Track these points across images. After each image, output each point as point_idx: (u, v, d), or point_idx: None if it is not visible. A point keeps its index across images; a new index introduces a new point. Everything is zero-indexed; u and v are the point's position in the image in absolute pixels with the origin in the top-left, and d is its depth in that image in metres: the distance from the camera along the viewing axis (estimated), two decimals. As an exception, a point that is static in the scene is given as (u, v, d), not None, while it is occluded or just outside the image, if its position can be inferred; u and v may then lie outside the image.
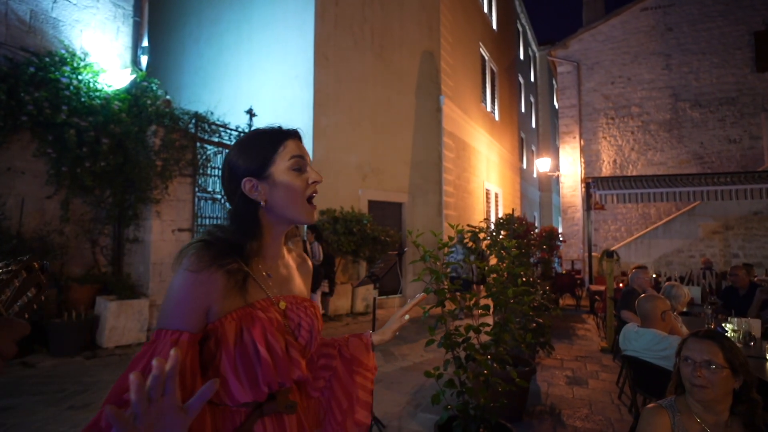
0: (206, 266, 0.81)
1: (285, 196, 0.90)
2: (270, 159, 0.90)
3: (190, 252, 0.82)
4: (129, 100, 5.67)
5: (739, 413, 1.32)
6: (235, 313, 0.83)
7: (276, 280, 0.94)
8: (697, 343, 1.39)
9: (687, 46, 12.50)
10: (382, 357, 5.17)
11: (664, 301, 2.67)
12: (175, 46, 10.61)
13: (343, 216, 7.48)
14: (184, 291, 0.80)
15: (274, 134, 0.94)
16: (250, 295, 0.86)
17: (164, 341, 0.77)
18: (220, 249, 0.84)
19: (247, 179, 0.90)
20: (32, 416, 3.16)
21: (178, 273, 0.81)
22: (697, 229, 10.99)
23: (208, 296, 0.81)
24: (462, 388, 2.34)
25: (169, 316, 0.80)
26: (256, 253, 0.90)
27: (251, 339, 0.82)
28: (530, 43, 22.90)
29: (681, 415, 1.37)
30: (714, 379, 1.31)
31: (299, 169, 0.92)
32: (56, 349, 4.57)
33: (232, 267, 0.83)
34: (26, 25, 5.14)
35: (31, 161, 5.02)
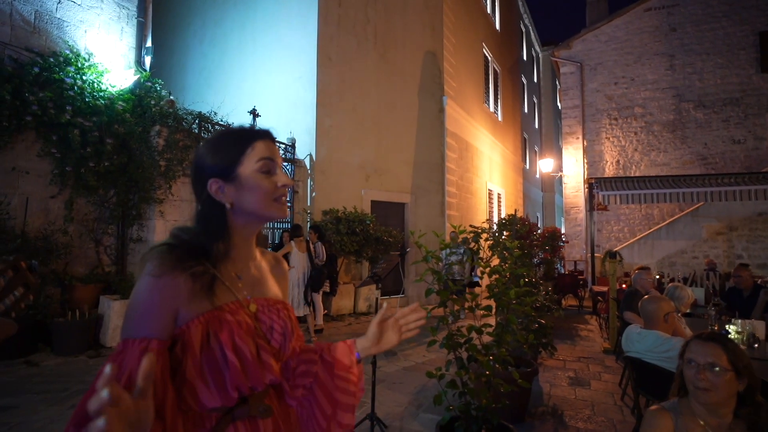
0: (169, 270, 0.79)
1: (252, 199, 0.88)
2: (237, 160, 0.88)
3: (153, 256, 0.80)
4: (133, 100, 5.69)
5: (742, 416, 1.32)
6: (202, 317, 0.81)
7: (247, 282, 0.92)
8: (701, 346, 1.38)
9: (691, 46, 12.45)
10: (384, 357, 5.17)
11: (668, 302, 2.66)
12: (178, 46, 10.65)
13: (346, 216, 7.49)
14: (149, 296, 0.78)
15: (242, 134, 0.91)
16: (218, 298, 0.84)
17: (132, 350, 0.74)
18: (185, 252, 0.82)
19: (213, 180, 0.88)
20: (35, 415, 3.17)
21: (141, 278, 0.79)
22: (700, 230, 10.94)
23: (173, 300, 0.79)
24: (464, 389, 2.33)
25: (135, 323, 0.77)
26: (224, 255, 0.88)
27: (218, 343, 0.80)
28: (533, 44, 22.86)
29: (684, 418, 1.36)
30: (717, 382, 1.30)
31: (268, 172, 0.89)
32: (60, 348, 4.59)
33: (197, 270, 0.81)
34: (31, 25, 5.17)
35: (36, 161, 5.05)
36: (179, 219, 5.71)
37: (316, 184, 7.80)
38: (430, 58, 10.07)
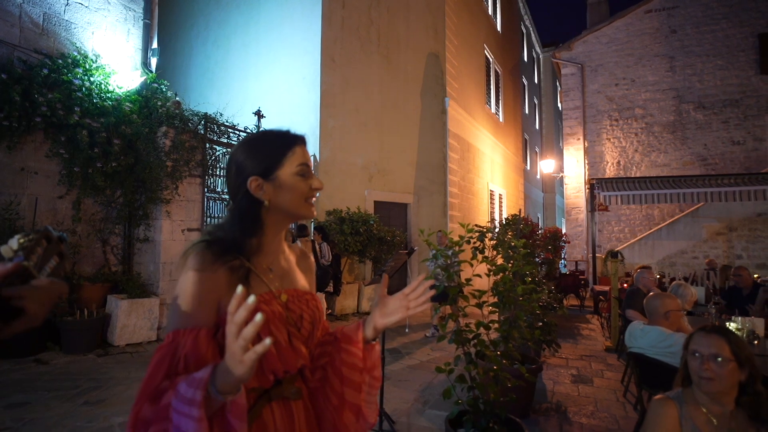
0: (210, 264, 0.86)
1: (289, 199, 0.95)
2: (279, 162, 0.94)
3: (194, 252, 0.87)
4: (140, 101, 5.75)
5: (744, 404, 1.38)
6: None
7: (277, 274, 0.98)
8: (705, 338, 1.44)
9: (691, 48, 12.53)
10: (390, 355, 5.23)
11: (674, 300, 2.72)
12: (183, 48, 10.72)
13: (350, 216, 7.55)
14: (194, 289, 0.84)
15: (284, 138, 0.97)
16: (252, 289, 0.89)
17: (184, 339, 0.81)
18: (222, 247, 0.89)
19: (253, 178, 0.93)
20: (48, 411, 3.23)
21: (185, 274, 0.86)
22: (701, 231, 11.00)
23: (215, 292, 0.86)
24: (472, 384, 2.39)
25: (182, 315, 0.83)
26: (257, 249, 0.94)
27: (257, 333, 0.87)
28: (534, 45, 22.94)
29: (688, 406, 1.42)
30: (721, 372, 1.36)
31: (304, 175, 0.96)
32: (69, 347, 4.64)
33: (234, 264, 0.88)
34: (39, 27, 5.23)
35: (44, 161, 5.11)
36: (186, 219, 5.77)
37: (319, 185, 7.84)
38: (432, 60, 10.14)
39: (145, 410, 0.75)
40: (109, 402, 3.43)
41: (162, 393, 0.76)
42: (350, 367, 0.98)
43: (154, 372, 0.78)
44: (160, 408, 0.74)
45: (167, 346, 0.81)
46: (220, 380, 0.70)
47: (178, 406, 0.72)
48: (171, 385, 0.76)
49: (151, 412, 0.75)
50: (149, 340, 5.12)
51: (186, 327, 0.83)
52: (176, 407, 0.72)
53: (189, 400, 0.71)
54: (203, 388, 0.70)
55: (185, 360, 0.80)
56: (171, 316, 0.86)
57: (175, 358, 0.80)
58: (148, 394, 0.77)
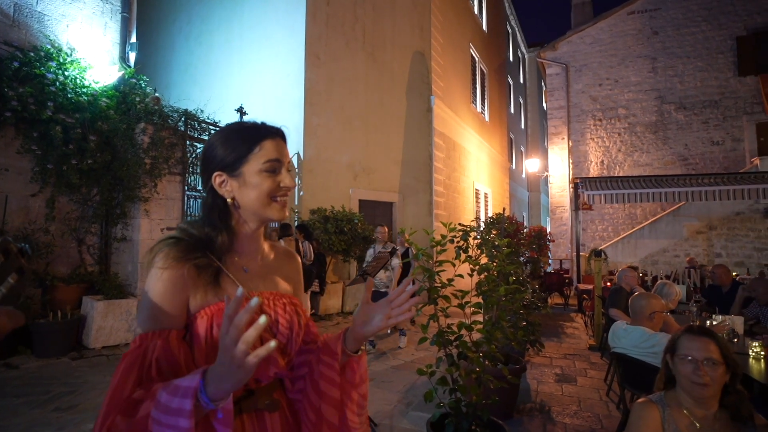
0: (174, 262, 0.80)
1: (253, 197, 0.88)
2: (244, 157, 0.88)
3: (160, 249, 0.82)
4: (117, 97, 5.59)
5: (727, 405, 1.36)
6: (208, 309, 0.82)
7: (253, 275, 0.92)
8: (696, 341, 1.41)
9: (672, 49, 12.75)
10: (374, 355, 5.17)
11: (659, 300, 2.72)
12: (164, 43, 10.47)
13: (334, 215, 7.47)
14: (159, 290, 0.79)
15: (253, 131, 0.90)
16: (223, 291, 0.84)
17: (153, 343, 0.76)
18: (189, 245, 0.84)
19: (217, 173, 0.88)
20: (16, 418, 3.09)
21: (151, 273, 0.81)
22: (681, 229, 11.21)
23: (181, 291, 0.80)
24: (454, 386, 2.35)
25: (150, 317, 0.78)
26: (228, 248, 0.88)
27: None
28: (519, 45, 23.11)
29: (670, 410, 1.40)
30: (714, 376, 1.33)
31: (273, 171, 0.89)
32: (41, 351, 4.48)
33: (200, 261, 0.83)
34: (10, 18, 5.03)
35: (15, 158, 4.92)
36: (165, 218, 5.62)
37: (303, 183, 7.75)
38: (418, 58, 10.10)
39: (117, 424, 0.68)
40: (81, 407, 3.30)
41: (136, 404, 0.69)
42: (328, 381, 0.91)
43: (123, 380, 0.72)
44: (137, 421, 0.68)
45: (135, 351, 0.76)
46: (213, 387, 0.65)
47: (161, 418, 0.65)
48: (147, 395, 0.70)
49: (125, 425, 0.68)
50: (127, 342, 4.98)
51: (155, 329, 0.77)
52: (158, 419, 0.65)
53: (175, 410, 0.65)
54: (192, 396, 0.65)
55: (157, 364, 0.75)
56: (139, 317, 0.80)
57: (145, 364, 0.74)
58: (119, 406, 0.70)
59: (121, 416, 0.69)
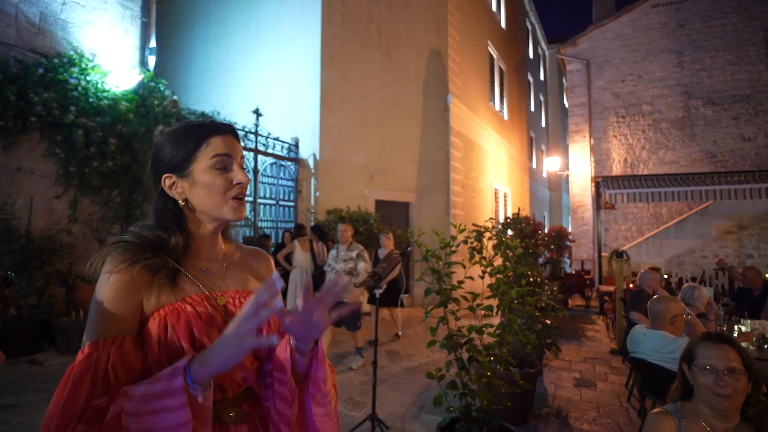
0: (124, 265, 0.76)
1: (204, 197, 0.85)
2: (191, 156, 0.85)
3: (108, 254, 0.78)
4: (136, 100, 5.71)
5: (750, 417, 1.27)
6: (162, 310, 0.78)
7: (217, 275, 0.89)
8: (716, 350, 1.31)
9: (699, 42, 12.28)
10: (388, 357, 5.14)
11: (678, 303, 2.60)
12: (182, 46, 10.69)
13: (350, 216, 7.46)
14: (108, 295, 0.75)
15: (199, 129, 0.87)
16: (183, 291, 0.81)
17: (106, 350, 0.72)
18: (139, 246, 0.80)
19: (166, 176, 0.86)
20: (37, 414, 3.18)
21: (100, 278, 0.77)
22: (710, 229, 10.78)
23: (135, 295, 0.77)
24: (464, 390, 2.30)
25: (101, 323, 0.75)
26: (184, 250, 0.85)
27: (176, 336, 0.76)
28: (539, 41, 22.69)
29: (687, 421, 1.31)
30: (738, 386, 1.24)
31: (224, 168, 0.85)
32: (64, 347, 4.61)
33: (153, 262, 0.79)
34: (36, 27, 5.20)
35: (40, 161, 5.08)
36: (183, 219, 5.72)
37: (319, 184, 7.78)
38: (434, 57, 10.02)
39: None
40: (99, 405, 3.38)
41: (100, 410, 0.67)
42: (282, 399, 0.83)
43: (73, 392, 0.69)
44: (106, 423, 0.65)
45: (84, 361, 0.72)
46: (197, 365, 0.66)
47: (139, 408, 0.64)
48: (113, 398, 0.67)
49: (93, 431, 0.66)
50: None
51: (107, 336, 0.74)
52: (136, 410, 0.64)
53: (159, 393, 0.64)
54: (182, 373, 0.65)
55: (114, 371, 0.72)
56: (88, 326, 0.76)
57: (98, 373, 0.71)
58: (76, 415, 0.67)
59: (83, 425, 0.66)
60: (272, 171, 7.44)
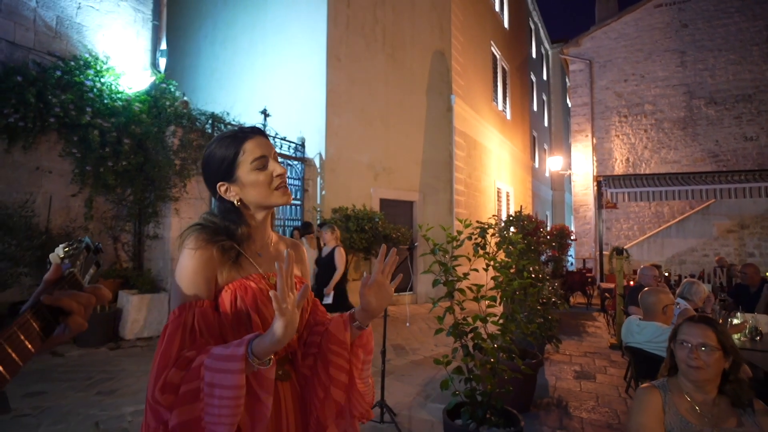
0: (203, 243, 0.94)
1: (255, 193, 1.01)
2: (234, 164, 1.00)
3: (190, 234, 0.96)
4: (149, 101, 5.88)
5: (726, 392, 1.41)
6: (232, 284, 0.95)
7: (266, 259, 1.06)
8: (693, 328, 1.47)
9: (702, 42, 12.36)
10: (394, 351, 5.29)
11: (668, 295, 2.74)
12: (191, 48, 10.87)
13: (355, 214, 7.61)
14: (192, 267, 0.92)
15: (233, 140, 1.02)
16: (244, 270, 0.98)
17: (191, 311, 0.89)
18: (214, 230, 0.97)
19: (220, 184, 1.02)
20: (63, 400, 3.35)
21: (183, 254, 0.94)
22: (711, 228, 10.88)
23: (211, 269, 0.94)
24: (469, 375, 2.44)
25: (186, 290, 0.91)
26: (246, 238, 1.02)
27: (244, 305, 0.94)
28: (543, 41, 22.77)
29: (672, 394, 1.46)
30: (708, 360, 1.39)
31: (262, 168, 1.01)
32: (83, 341, 4.79)
33: (225, 244, 0.96)
34: (53, 30, 5.37)
35: (58, 161, 5.26)
36: (194, 216, 5.88)
37: (325, 183, 7.93)
38: (438, 58, 10.15)
39: (172, 375, 0.82)
40: (120, 392, 3.54)
41: (189, 360, 0.83)
42: (337, 368, 1.01)
43: (170, 343, 0.85)
44: (191, 370, 0.81)
45: (177, 319, 0.88)
46: (258, 344, 0.80)
47: (213, 364, 0.79)
48: (200, 352, 0.83)
49: (180, 376, 0.82)
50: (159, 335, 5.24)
51: (192, 300, 0.90)
52: (210, 366, 0.79)
53: (227, 356, 0.79)
54: (246, 344, 0.80)
55: (199, 327, 0.88)
56: (175, 293, 0.93)
57: (187, 328, 0.87)
58: (171, 361, 0.83)
59: (175, 369, 0.82)
60: (279, 170, 7.58)
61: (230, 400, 0.78)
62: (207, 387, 0.79)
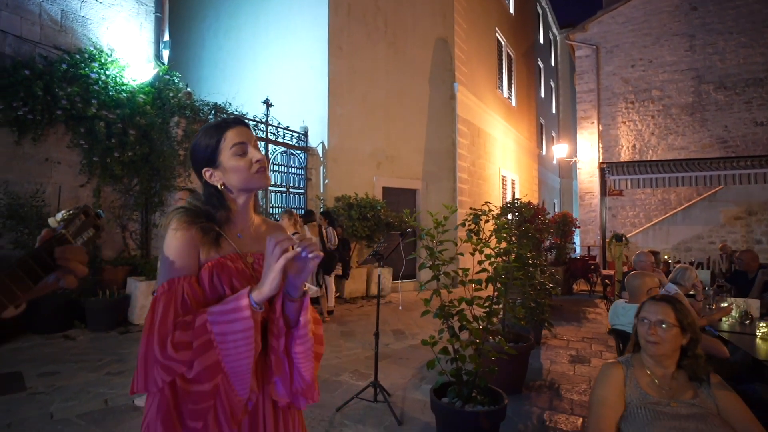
0: (185, 225, 1.03)
1: (236, 177, 1.10)
2: (216, 150, 1.10)
3: (173, 217, 1.06)
4: (153, 93, 5.99)
5: (684, 367, 1.49)
6: (210, 263, 1.05)
7: (247, 240, 1.15)
8: (653, 306, 1.55)
9: (712, 25, 12.10)
10: (394, 336, 5.42)
11: (653, 278, 2.80)
12: (194, 39, 10.94)
13: (358, 202, 7.71)
14: (178, 246, 1.01)
15: (215, 129, 1.11)
16: (223, 250, 1.07)
17: (180, 285, 0.99)
18: (195, 212, 1.07)
19: (205, 169, 1.11)
20: (74, 379, 3.53)
21: (168, 234, 1.03)
22: (718, 215, 10.79)
23: (194, 247, 1.03)
24: (455, 356, 2.54)
25: (173, 266, 1.01)
26: (226, 220, 1.12)
27: (220, 282, 1.04)
28: (550, 27, 22.39)
29: (634, 369, 1.54)
30: (665, 336, 1.47)
31: (242, 154, 1.10)
32: (93, 325, 4.99)
33: (205, 225, 1.05)
34: (58, 24, 5.48)
35: (66, 152, 5.41)
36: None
37: (328, 172, 8.03)
38: (441, 45, 10.10)
39: (179, 336, 0.92)
40: (128, 373, 3.72)
41: (188, 322, 0.94)
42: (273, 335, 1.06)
43: (165, 313, 0.95)
44: (196, 329, 0.93)
45: (168, 293, 0.98)
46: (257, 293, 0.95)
47: (218, 319, 0.92)
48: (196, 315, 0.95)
49: (188, 335, 0.93)
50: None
51: (179, 276, 1.00)
52: (216, 320, 0.93)
53: (232, 309, 0.92)
54: (247, 295, 0.93)
55: (189, 298, 0.98)
56: (163, 268, 1.02)
57: (178, 300, 0.97)
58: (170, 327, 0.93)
59: (180, 331, 0.93)
60: (283, 159, 7.70)
61: (245, 340, 0.93)
62: (219, 336, 0.93)
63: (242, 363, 0.95)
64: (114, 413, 3.00)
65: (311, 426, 2.93)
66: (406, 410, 3.24)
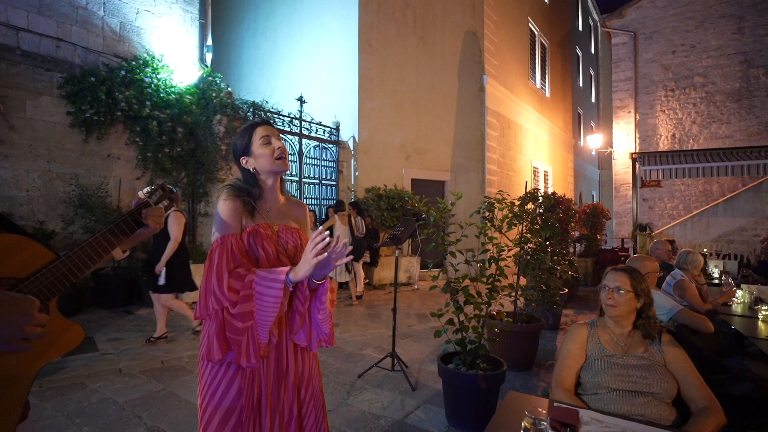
0: (233, 197, 1.40)
1: (263, 161, 1.46)
2: (249, 142, 1.46)
3: (224, 190, 1.43)
4: (198, 93, 6.57)
5: (639, 326, 1.73)
6: (248, 229, 1.41)
7: (274, 214, 1.51)
8: (613, 274, 1.79)
9: (765, 5, 11.43)
10: (417, 318, 5.75)
11: (653, 263, 2.96)
12: (234, 40, 11.60)
13: (387, 193, 8.05)
14: (227, 211, 1.38)
15: (248, 128, 1.48)
16: (257, 220, 1.42)
17: (229, 240, 1.35)
18: (239, 189, 1.43)
19: (242, 158, 1.48)
20: (136, 344, 4.12)
21: (219, 203, 1.40)
22: (764, 207, 10.31)
23: (238, 214, 1.39)
24: (460, 327, 2.84)
25: (225, 226, 1.38)
26: (259, 197, 1.48)
27: (254, 244, 1.40)
28: (590, 12, 21.66)
29: (597, 329, 1.79)
30: (620, 300, 1.71)
31: (268, 143, 1.45)
32: (148, 301, 5.60)
33: (245, 199, 1.41)
34: (117, 35, 6.14)
35: (124, 149, 6.08)
36: (239, 196, 6.57)
37: (359, 164, 8.41)
38: (470, 38, 10.20)
39: (232, 282, 1.28)
40: (179, 342, 4.27)
41: (240, 275, 1.29)
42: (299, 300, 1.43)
43: (221, 259, 1.31)
44: (245, 282, 1.28)
45: (222, 245, 1.34)
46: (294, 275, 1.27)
47: (261, 282, 1.26)
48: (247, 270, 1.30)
49: (239, 284, 1.28)
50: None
51: (229, 233, 1.37)
52: (259, 282, 1.26)
53: (273, 279, 1.25)
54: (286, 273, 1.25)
55: (236, 250, 1.35)
56: (216, 227, 1.39)
57: (228, 250, 1.34)
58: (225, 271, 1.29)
59: (233, 279, 1.29)
60: (315, 153, 8.16)
61: (273, 303, 1.26)
62: (257, 295, 1.28)
63: (267, 318, 1.27)
64: (169, 371, 3.52)
65: (335, 389, 3.33)
66: (421, 379, 3.57)
